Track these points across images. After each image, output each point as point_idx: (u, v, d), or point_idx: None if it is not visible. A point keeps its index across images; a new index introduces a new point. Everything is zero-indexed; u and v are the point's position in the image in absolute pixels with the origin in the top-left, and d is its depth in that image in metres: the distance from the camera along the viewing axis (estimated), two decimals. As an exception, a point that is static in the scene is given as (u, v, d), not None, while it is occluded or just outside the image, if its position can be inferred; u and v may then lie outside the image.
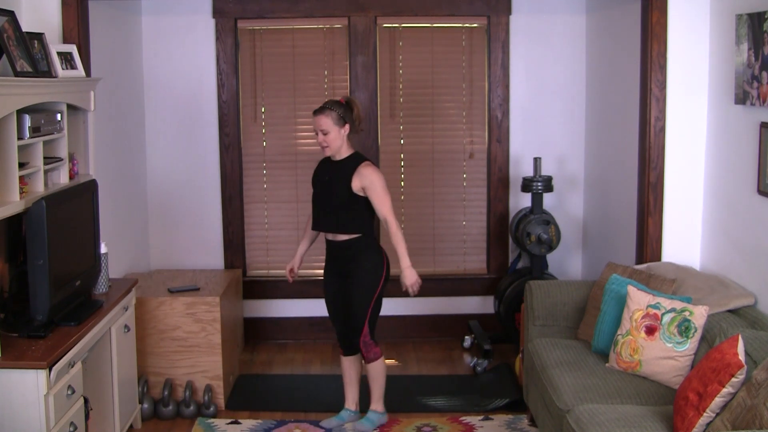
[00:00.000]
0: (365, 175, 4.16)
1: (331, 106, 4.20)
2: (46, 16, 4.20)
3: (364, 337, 4.26)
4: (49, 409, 3.12)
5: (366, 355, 4.30)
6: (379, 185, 4.16)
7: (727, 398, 2.90)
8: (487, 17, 5.65)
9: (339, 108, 4.19)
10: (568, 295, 4.35)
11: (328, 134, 4.17)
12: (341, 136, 4.19)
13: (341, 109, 4.19)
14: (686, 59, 4.35)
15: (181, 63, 5.61)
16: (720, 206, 4.25)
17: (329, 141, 4.18)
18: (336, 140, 4.18)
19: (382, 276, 4.27)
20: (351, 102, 4.26)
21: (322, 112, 4.19)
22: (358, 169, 4.17)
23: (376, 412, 4.41)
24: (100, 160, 4.42)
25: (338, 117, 4.17)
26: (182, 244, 5.74)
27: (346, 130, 4.21)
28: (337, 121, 4.17)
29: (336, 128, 4.17)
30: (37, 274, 3.35)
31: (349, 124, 4.21)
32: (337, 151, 4.23)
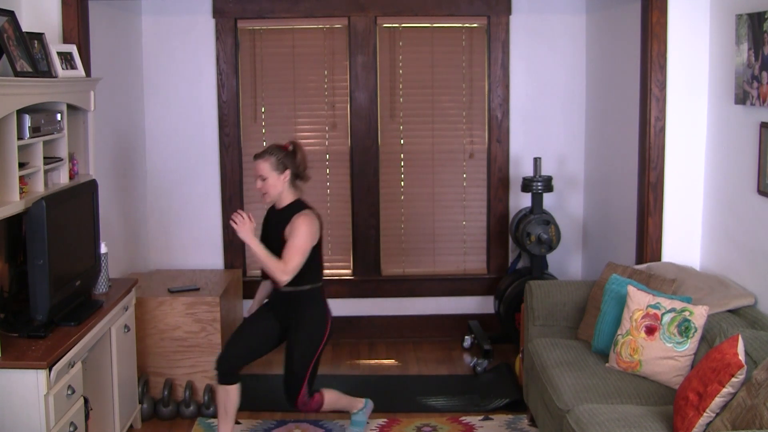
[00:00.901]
0: (293, 224, 3.88)
1: (272, 150, 3.96)
2: (46, 16, 4.20)
3: (302, 398, 3.97)
4: (49, 409, 3.12)
5: (311, 410, 4.05)
6: (298, 239, 3.84)
7: (727, 398, 2.90)
8: (487, 17, 5.65)
9: (279, 153, 3.94)
10: (568, 295, 4.35)
11: (266, 180, 3.92)
12: (281, 182, 3.93)
13: (281, 154, 3.94)
14: (686, 59, 4.35)
15: (181, 63, 5.61)
16: (720, 206, 4.25)
17: (267, 187, 3.93)
18: (275, 187, 3.93)
19: (324, 333, 4.00)
20: (296, 147, 4.02)
21: (261, 156, 3.94)
22: (292, 219, 3.90)
23: (357, 413, 4.29)
24: (100, 160, 4.42)
25: (277, 162, 3.92)
26: (182, 244, 5.74)
27: (287, 176, 3.94)
28: (276, 167, 3.91)
29: (274, 174, 3.91)
30: (37, 274, 3.34)
31: (290, 170, 3.96)
32: (277, 199, 3.98)
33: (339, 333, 5.78)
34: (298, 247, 3.85)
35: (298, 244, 3.85)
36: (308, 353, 3.98)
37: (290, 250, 3.85)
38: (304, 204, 4.02)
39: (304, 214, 3.93)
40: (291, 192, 4.01)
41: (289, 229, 3.89)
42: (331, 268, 5.87)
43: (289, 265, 3.84)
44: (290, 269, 3.84)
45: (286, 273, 3.83)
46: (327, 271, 5.85)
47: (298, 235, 3.86)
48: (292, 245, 3.85)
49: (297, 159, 4.01)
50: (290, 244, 3.85)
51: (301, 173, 4.04)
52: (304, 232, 3.87)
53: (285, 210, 3.98)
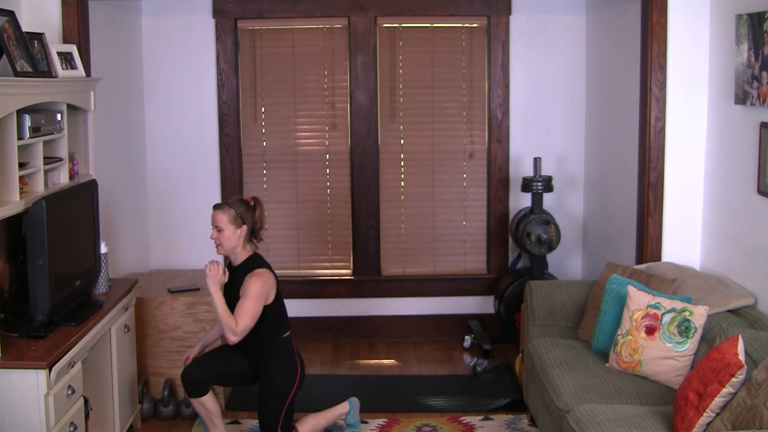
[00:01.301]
0: (246, 282, 3.80)
1: (232, 203, 3.89)
2: (46, 16, 4.20)
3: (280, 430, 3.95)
4: (49, 409, 3.12)
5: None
6: (249, 300, 3.76)
7: (727, 398, 2.90)
8: (487, 17, 5.65)
9: (240, 206, 3.88)
10: (568, 295, 4.35)
11: (222, 232, 3.85)
12: (237, 237, 3.86)
13: (242, 208, 3.87)
14: (686, 59, 4.35)
15: (181, 63, 5.61)
16: (720, 206, 4.25)
17: (222, 239, 3.86)
18: (230, 240, 3.86)
19: (294, 384, 3.96)
20: (257, 204, 3.95)
21: (220, 207, 3.88)
22: (246, 278, 3.82)
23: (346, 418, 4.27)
24: (100, 160, 4.42)
25: (235, 216, 3.85)
26: (182, 244, 5.74)
27: (243, 231, 3.86)
28: (234, 220, 3.85)
29: (231, 227, 3.85)
30: (37, 274, 3.35)
31: (247, 225, 3.87)
32: (230, 252, 3.91)
33: (339, 333, 5.79)
34: (246, 308, 3.78)
35: (247, 306, 3.78)
36: (278, 404, 3.93)
37: (239, 312, 3.78)
38: (258, 261, 3.93)
39: (256, 274, 3.83)
40: (246, 248, 3.93)
41: (243, 289, 3.82)
42: (331, 268, 5.87)
43: (238, 326, 3.76)
44: (239, 331, 3.76)
45: (235, 334, 3.76)
46: (327, 271, 5.86)
47: (248, 296, 3.78)
48: (242, 307, 3.78)
49: (256, 215, 3.94)
50: (240, 305, 3.79)
51: (257, 231, 3.97)
52: (253, 293, 3.79)
53: (240, 268, 3.91)
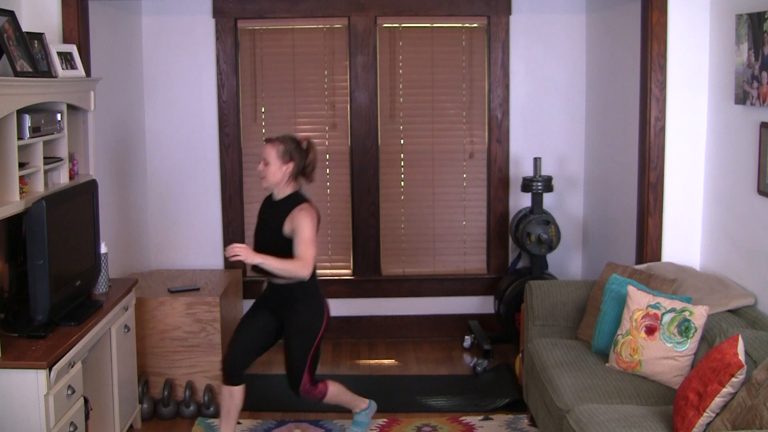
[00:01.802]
0: (295, 218, 3.85)
1: (284, 139, 3.93)
2: (46, 16, 4.20)
3: (304, 386, 4.00)
4: (49, 409, 3.12)
5: (315, 398, 4.07)
6: (307, 230, 3.83)
7: (727, 398, 2.90)
8: (487, 17, 5.65)
9: (290, 144, 3.92)
10: (568, 295, 4.35)
11: (268, 165, 3.89)
12: (282, 172, 3.89)
13: (292, 146, 3.91)
14: (686, 59, 4.35)
15: (181, 63, 5.61)
16: (720, 206, 4.25)
17: (267, 172, 3.90)
18: (275, 174, 3.89)
19: (321, 325, 3.99)
20: (309, 146, 3.98)
21: (271, 141, 3.93)
22: (293, 212, 3.87)
23: (358, 414, 4.28)
24: (100, 160, 4.42)
25: (284, 151, 3.89)
26: (182, 244, 5.74)
27: (289, 168, 3.90)
28: (282, 155, 3.88)
29: (278, 162, 3.88)
30: (37, 274, 3.35)
31: (294, 163, 3.91)
32: (275, 187, 3.95)
33: (339, 333, 5.79)
34: (308, 239, 3.84)
35: (307, 237, 3.84)
36: (306, 345, 3.98)
37: (302, 245, 3.84)
38: (302, 196, 3.98)
39: (303, 208, 3.89)
40: (291, 184, 3.97)
41: (291, 224, 3.87)
42: (331, 268, 5.87)
43: (306, 259, 3.83)
44: (309, 262, 3.84)
45: (307, 267, 3.84)
46: (327, 271, 5.85)
47: (304, 228, 3.85)
48: (303, 240, 3.84)
49: (308, 157, 3.98)
50: (300, 239, 3.84)
51: (307, 172, 4.01)
52: (308, 224, 3.85)
53: (283, 202, 3.95)
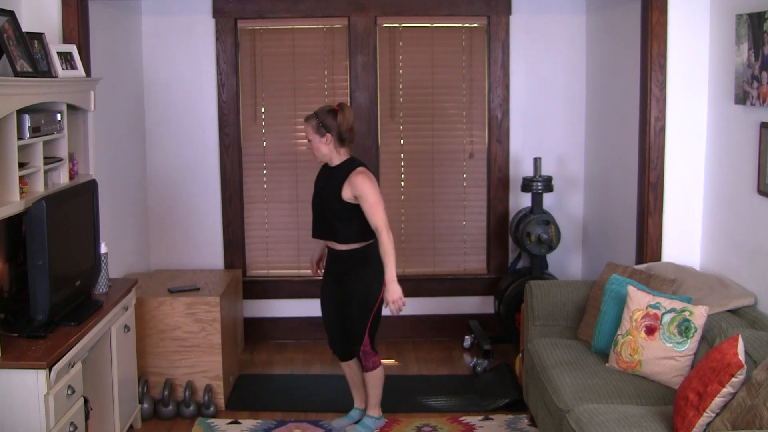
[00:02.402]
0: (355, 184, 4.02)
1: (315, 113, 4.10)
2: (46, 16, 4.20)
3: (365, 347, 4.21)
4: (49, 409, 3.12)
5: (364, 363, 4.25)
6: (371, 194, 4.01)
7: (727, 398, 2.90)
8: (487, 17, 5.65)
9: (322, 116, 4.07)
10: (568, 295, 4.35)
11: (311, 142, 4.11)
12: (325, 145, 4.08)
13: (324, 117, 4.06)
14: (686, 59, 4.35)
15: (181, 63, 5.61)
16: (720, 206, 4.25)
17: (312, 149, 4.12)
18: (319, 149, 4.09)
19: (381, 291, 4.12)
20: (342, 108, 4.09)
21: (306, 119, 4.12)
22: (350, 177, 4.04)
23: (372, 417, 4.38)
24: (100, 160, 4.42)
25: (317, 125, 4.06)
26: (182, 244, 5.74)
27: (329, 139, 4.07)
28: (317, 130, 4.07)
29: (316, 137, 4.07)
30: (37, 274, 3.34)
31: (331, 133, 4.06)
32: (327, 159, 4.14)
33: (339, 333, 5.78)
34: (373, 203, 4.01)
35: (372, 201, 4.01)
36: (364, 312, 4.14)
37: (373, 214, 4.01)
38: (357, 161, 4.14)
39: (359, 171, 4.05)
40: (341, 152, 4.13)
41: (350, 189, 4.04)
42: (331, 268, 5.87)
43: (381, 227, 4.00)
44: (382, 226, 4.00)
45: (387, 233, 4.01)
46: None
47: (367, 193, 4.01)
48: (370, 205, 4.01)
49: (338, 119, 4.07)
50: (368, 206, 4.01)
51: (343, 135, 4.10)
52: (369, 188, 4.02)
53: (338, 167, 4.11)
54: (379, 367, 4.28)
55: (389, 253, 4.02)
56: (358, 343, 4.20)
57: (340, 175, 4.08)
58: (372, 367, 4.26)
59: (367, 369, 4.26)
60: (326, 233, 4.19)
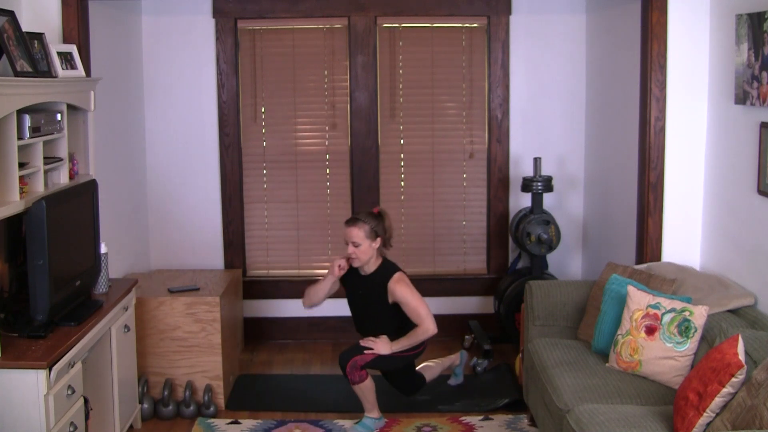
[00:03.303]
0: (396, 293, 4.20)
1: (364, 218, 4.20)
2: (46, 16, 4.20)
3: (359, 362, 4.25)
4: (49, 409, 3.12)
5: (350, 377, 4.26)
6: (412, 299, 4.20)
7: (727, 398, 2.90)
8: (487, 17, 5.65)
9: (372, 221, 4.20)
10: (568, 295, 4.35)
11: (359, 247, 4.18)
12: (372, 250, 4.21)
13: (374, 222, 4.20)
14: (686, 59, 4.35)
15: (181, 63, 5.61)
16: (720, 206, 4.25)
17: (359, 253, 4.19)
18: (366, 253, 4.20)
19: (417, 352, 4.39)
20: (383, 214, 4.28)
21: (354, 223, 4.19)
22: (390, 286, 4.21)
23: (372, 418, 4.39)
24: (100, 160, 4.42)
25: (371, 230, 4.18)
26: (182, 244, 5.74)
27: (377, 244, 4.22)
28: (369, 235, 4.18)
29: (367, 241, 4.18)
30: (37, 274, 3.34)
31: (381, 237, 4.22)
32: (365, 264, 4.26)
33: (339, 333, 5.79)
34: (416, 305, 4.20)
35: (414, 305, 4.20)
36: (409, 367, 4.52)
37: (414, 313, 4.21)
38: (391, 266, 4.30)
39: (397, 280, 4.22)
40: (376, 256, 4.28)
41: (392, 297, 4.22)
42: (331, 268, 5.87)
43: (425, 323, 4.20)
44: (428, 323, 4.20)
45: (429, 329, 4.21)
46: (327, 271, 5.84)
47: (408, 299, 4.19)
48: (413, 309, 4.20)
49: (386, 225, 4.24)
50: (410, 310, 4.21)
51: (387, 240, 4.28)
52: (409, 293, 4.20)
53: (375, 276, 4.27)
54: (366, 380, 4.29)
55: (417, 337, 4.23)
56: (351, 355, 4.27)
57: (380, 281, 4.25)
58: (359, 381, 4.27)
59: (353, 382, 4.27)
60: (375, 330, 4.35)
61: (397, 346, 4.24)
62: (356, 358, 4.24)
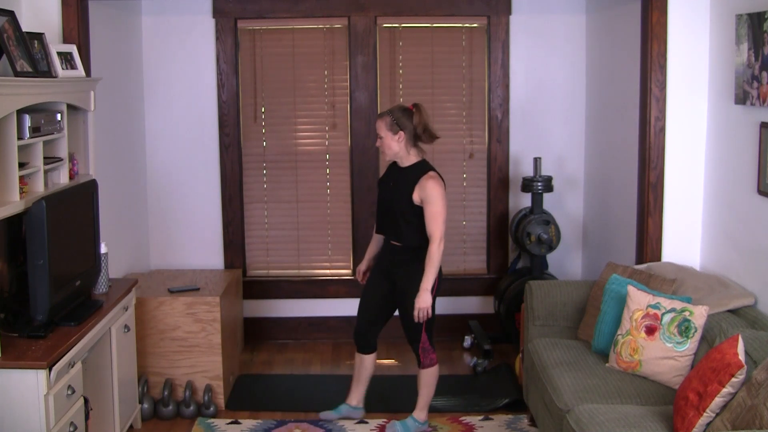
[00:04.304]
0: (425, 188, 4.04)
1: (391, 110, 4.12)
2: (46, 16, 4.19)
3: (423, 344, 4.21)
4: (49, 409, 3.12)
5: (422, 360, 4.24)
6: (437, 202, 4.02)
7: (727, 398, 2.90)
8: (487, 17, 5.65)
9: (397, 113, 4.09)
10: (568, 295, 4.35)
11: (382, 139, 4.10)
12: (397, 143, 4.08)
13: (399, 115, 4.08)
14: (686, 59, 4.35)
15: (181, 63, 5.61)
16: (720, 206, 4.25)
17: (383, 146, 4.12)
18: (391, 147, 4.09)
19: (435, 287, 4.13)
20: (417, 109, 4.11)
21: (380, 116, 4.15)
22: (421, 181, 4.05)
23: (417, 421, 4.35)
24: (100, 160, 4.42)
25: (391, 122, 4.07)
26: (182, 244, 5.74)
27: (401, 137, 4.07)
28: (390, 127, 4.07)
29: (389, 134, 4.08)
30: (37, 274, 3.35)
31: (404, 131, 4.07)
32: (396, 158, 4.15)
33: (339, 333, 5.79)
34: (438, 213, 4.02)
35: (437, 211, 4.02)
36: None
37: (433, 222, 4.02)
38: (429, 165, 4.14)
39: (431, 176, 4.05)
40: (412, 152, 4.13)
41: (420, 193, 4.04)
42: (331, 268, 5.88)
43: (437, 237, 4.01)
44: (440, 240, 4.02)
45: (440, 245, 4.02)
46: (327, 271, 5.86)
47: (435, 200, 4.02)
48: (433, 214, 4.02)
49: (414, 120, 4.09)
50: (431, 213, 4.02)
51: (420, 135, 4.12)
52: (438, 196, 4.02)
53: (410, 169, 4.12)
54: (435, 366, 4.27)
55: (434, 262, 4.04)
56: (416, 340, 4.20)
57: (412, 177, 4.08)
58: (429, 364, 4.25)
59: (424, 366, 4.25)
60: (392, 232, 4.20)
61: (428, 282, 4.03)
62: (420, 339, 4.18)
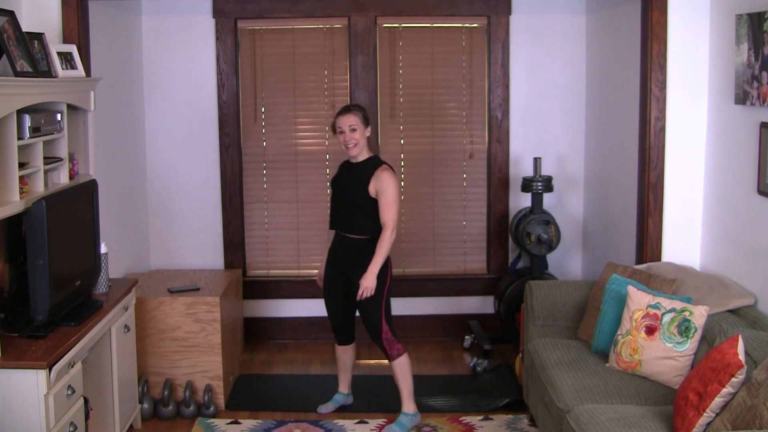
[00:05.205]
0: (380, 179, 4.24)
1: (357, 106, 4.39)
2: (46, 16, 4.19)
3: (385, 334, 4.32)
4: (49, 409, 3.12)
5: (389, 352, 4.34)
6: (391, 192, 4.22)
7: (727, 398, 2.90)
8: (487, 17, 5.65)
9: (363, 110, 4.38)
10: (568, 295, 4.35)
11: (356, 131, 4.28)
12: (365, 136, 4.33)
13: (365, 111, 4.38)
14: (686, 59, 4.35)
15: (181, 63, 5.61)
16: (720, 206, 4.25)
17: (358, 138, 4.28)
18: (362, 139, 4.31)
19: (386, 276, 4.30)
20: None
21: (349, 111, 4.33)
22: (376, 173, 4.26)
23: (407, 414, 4.39)
24: (100, 160, 4.42)
25: (363, 117, 4.33)
26: (182, 244, 5.74)
27: (368, 132, 4.36)
28: (363, 121, 4.32)
29: (362, 126, 4.31)
30: (37, 274, 3.35)
31: (370, 127, 4.38)
32: (361, 151, 4.33)
33: (339, 333, 5.78)
34: (392, 201, 4.22)
35: (392, 199, 4.22)
36: (376, 296, 4.25)
37: (387, 210, 4.23)
38: (381, 159, 4.38)
39: (386, 169, 4.29)
40: (367, 148, 4.37)
41: (375, 184, 4.25)
42: (331, 268, 5.87)
43: (390, 224, 4.21)
44: (393, 227, 4.22)
45: (393, 232, 4.22)
46: (327, 271, 5.85)
47: (389, 189, 4.23)
48: (388, 202, 4.23)
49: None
50: (385, 201, 4.23)
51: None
52: (392, 186, 4.24)
53: (365, 164, 4.33)
54: (404, 354, 4.36)
55: (384, 248, 4.21)
56: (378, 333, 4.31)
57: (367, 170, 4.29)
58: (397, 355, 4.34)
59: (392, 357, 4.34)
60: (344, 224, 4.34)
61: (375, 265, 4.19)
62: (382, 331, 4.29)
